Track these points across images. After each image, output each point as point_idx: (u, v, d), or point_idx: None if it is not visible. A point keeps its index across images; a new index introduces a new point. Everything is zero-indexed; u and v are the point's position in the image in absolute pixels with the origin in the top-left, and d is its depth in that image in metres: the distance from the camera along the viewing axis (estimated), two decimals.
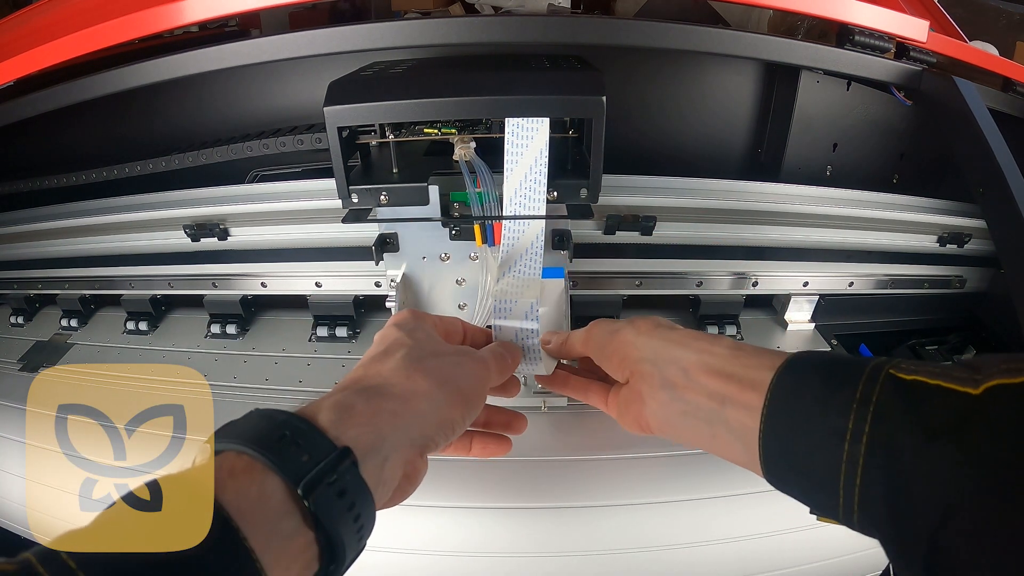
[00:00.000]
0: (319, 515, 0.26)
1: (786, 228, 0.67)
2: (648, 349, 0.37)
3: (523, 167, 0.48)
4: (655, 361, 0.37)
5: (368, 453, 0.29)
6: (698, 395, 0.34)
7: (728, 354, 0.34)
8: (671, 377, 0.36)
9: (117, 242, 0.74)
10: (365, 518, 0.28)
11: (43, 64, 0.66)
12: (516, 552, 0.52)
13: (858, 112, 0.84)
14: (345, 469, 0.27)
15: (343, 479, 0.27)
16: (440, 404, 0.34)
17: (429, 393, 0.34)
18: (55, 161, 0.86)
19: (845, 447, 0.27)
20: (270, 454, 0.26)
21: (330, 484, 0.26)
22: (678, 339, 0.37)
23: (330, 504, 0.26)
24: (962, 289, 0.72)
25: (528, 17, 0.62)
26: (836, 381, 0.28)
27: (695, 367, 0.35)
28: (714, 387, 0.33)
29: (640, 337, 0.38)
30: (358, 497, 0.28)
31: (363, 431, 0.30)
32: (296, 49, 0.61)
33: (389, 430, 0.31)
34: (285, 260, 0.68)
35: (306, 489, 0.26)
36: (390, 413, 0.32)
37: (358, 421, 0.30)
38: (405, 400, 0.33)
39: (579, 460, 0.54)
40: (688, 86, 0.88)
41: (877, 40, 0.65)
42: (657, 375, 0.36)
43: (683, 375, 0.35)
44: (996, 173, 0.60)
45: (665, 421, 0.36)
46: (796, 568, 0.55)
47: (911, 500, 0.25)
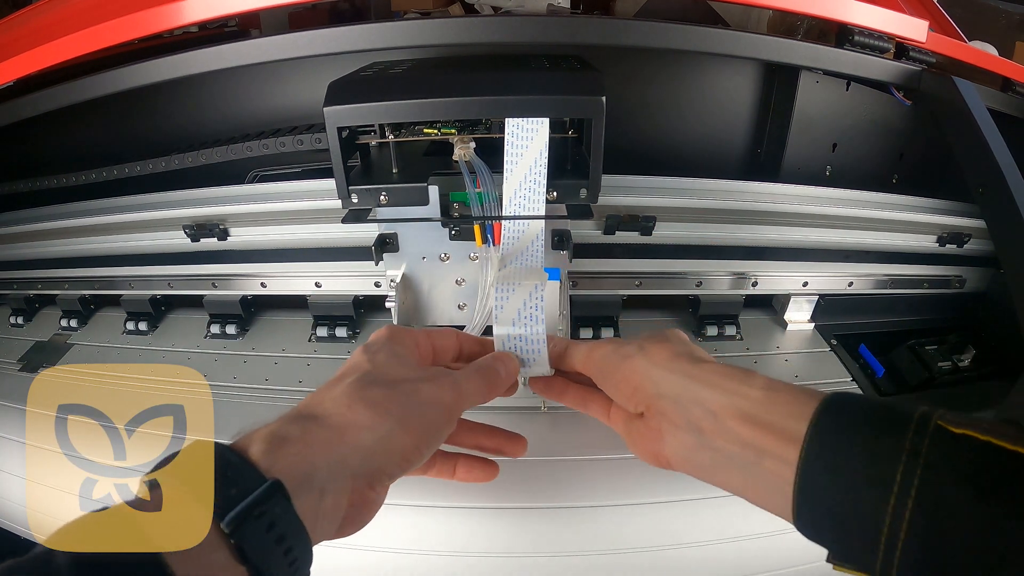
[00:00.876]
0: (246, 550, 0.25)
1: (785, 228, 0.67)
2: (667, 385, 0.35)
3: (523, 167, 0.48)
4: (678, 400, 0.34)
5: (301, 485, 0.28)
6: (730, 443, 0.32)
7: (762, 397, 0.32)
8: (697, 420, 0.33)
9: (117, 242, 0.74)
10: (299, 552, 0.27)
11: (43, 64, 0.66)
12: (515, 552, 0.52)
13: (858, 112, 0.84)
14: (275, 503, 0.26)
15: (272, 512, 0.26)
16: (384, 435, 0.32)
17: (371, 424, 0.31)
18: (55, 161, 0.86)
19: (891, 499, 0.26)
20: None
21: (257, 518, 0.26)
22: (704, 376, 0.34)
23: (259, 539, 0.25)
24: (962, 289, 0.72)
25: (528, 17, 0.62)
26: (882, 430, 0.27)
27: (726, 411, 0.32)
28: (748, 436, 0.31)
29: (656, 369, 0.35)
30: (289, 531, 0.27)
31: (294, 462, 0.28)
32: (296, 49, 0.61)
33: (323, 461, 0.29)
34: (285, 260, 0.68)
35: (232, 523, 0.25)
36: (323, 443, 0.30)
37: (289, 452, 0.29)
38: (341, 431, 0.31)
39: (579, 460, 0.54)
40: (687, 86, 0.88)
41: (876, 40, 0.65)
42: (681, 416, 0.33)
43: (712, 419, 0.32)
44: (995, 173, 0.61)
45: (689, 462, 0.34)
46: (796, 568, 0.55)
47: (958, 555, 0.24)
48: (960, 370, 0.65)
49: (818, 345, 0.69)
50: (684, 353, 0.36)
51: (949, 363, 0.64)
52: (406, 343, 0.38)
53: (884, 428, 0.27)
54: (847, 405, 0.30)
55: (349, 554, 0.52)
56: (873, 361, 0.66)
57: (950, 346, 0.66)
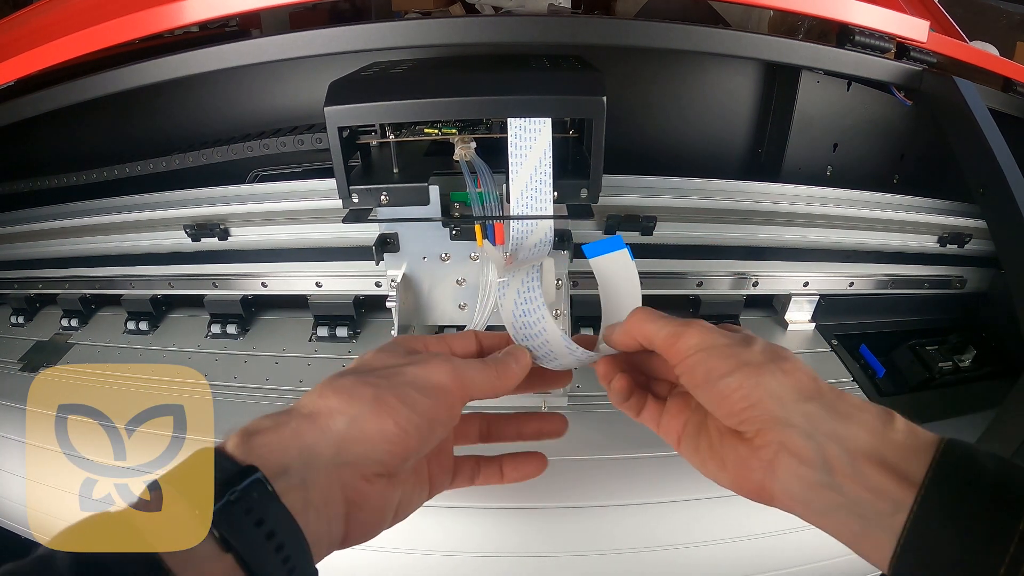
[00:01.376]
0: (226, 536, 0.25)
1: (786, 228, 0.67)
2: (801, 415, 0.30)
3: (528, 167, 0.48)
4: (812, 435, 0.29)
5: (278, 476, 0.27)
6: (862, 490, 0.28)
7: (903, 442, 0.29)
8: (831, 458, 0.29)
9: (118, 242, 0.74)
10: (284, 538, 0.26)
11: (44, 64, 0.66)
12: (516, 552, 0.52)
13: (858, 112, 0.83)
14: (252, 488, 0.26)
15: (248, 496, 0.26)
16: (354, 417, 0.30)
17: (340, 408, 0.30)
18: (55, 161, 0.86)
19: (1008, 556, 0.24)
20: None
21: (234, 502, 0.25)
22: (847, 411, 0.30)
23: (234, 522, 0.25)
24: (962, 289, 0.72)
25: (528, 17, 0.62)
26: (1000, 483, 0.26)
27: (864, 455, 0.29)
28: (887, 487, 0.28)
29: (791, 392, 0.31)
30: (268, 514, 0.26)
31: (266, 452, 0.28)
32: (296, 49, 0.61)
33: (295, 450, 0.29)
34: (285, 260, 0.68)
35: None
36: (294, 433, 0.29)
37: (262, 441, 0.28)
38: (312, 418, 0.30)
39: (579, 460, 0.54)
40: (688, 86, 0.88)
41: (877, 40, 0.65)
42: (811, 452, 0.29)
43: (847, 460, 0.29)
44: (996, 173, 0.60)
45: (801, 502, 0.30)
46: (797, 568, 0.55)
47: None
48: (961, 370, 0.65)
49: (819, 345, 0.69)
50: (826, 386, 0.32)
51: (950, 363, 0.64)
52: (411, 342, 0.36)
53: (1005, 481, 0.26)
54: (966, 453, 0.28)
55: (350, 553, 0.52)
56: (874, 361, 0.66)
57: (951, 346, 0.66)
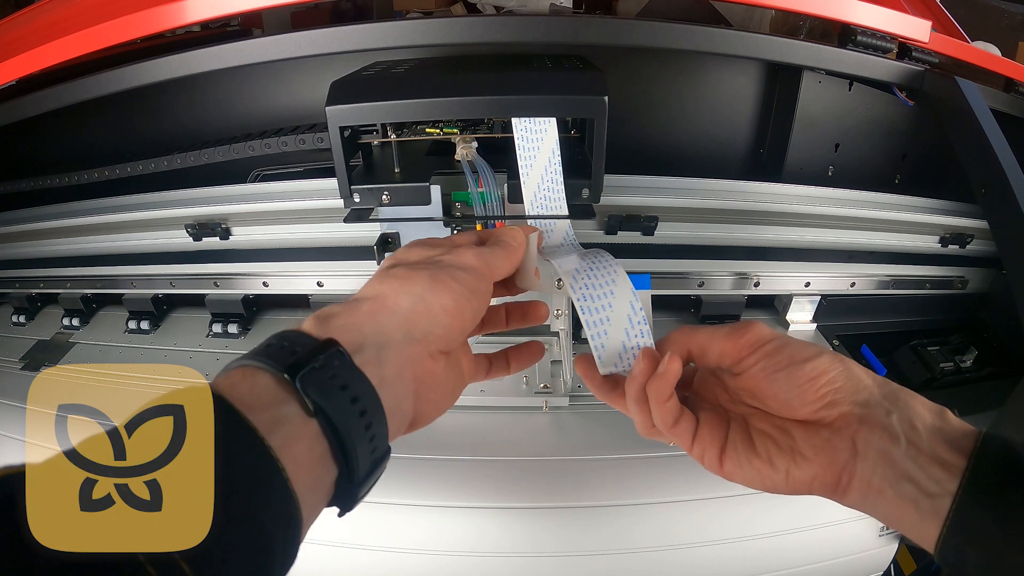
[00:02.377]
0: (309, 394, 0.25)
1: (788, 228, 0.67)
2: (880, 394, 0.31)
3: (539, 169, 0.48)
4: (890, 411, 0.31)
5: (358, 349, 0.28)
6: (935, 466, 0.29)
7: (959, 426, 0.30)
8: (908, 432, 0.30)
9: (119, 241, 0.74)
10: (367, 405, 0.27)
11: (45, 63, 0.66)
12: (516, 552, 0.52)
13: (860, 112, 0.83)
14: (332, 355, 0.27)
15: (331, 364, 0.27)
16: (418, 295, 0.32)
17: (404, 288, 0.32)
18: (57, 160, 0.86)
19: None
20: (259, 356, 0.27)
21: (317, 369, 0.26)
22: (910, 393, 0.32)
23: (322, 385, 0.26)
24: (964, 290, 0.72)
25: (530, 17, 0.62)
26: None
27: (933, 431, 0.30)
28: (951, 459, 0.29)
29: (867, 376, 0.32)
30: (352, 381, 0.27)
31: (344, 330, 0.29)
32: (298, 49, 0.61)
33: (370, 328, 0.30)
34: (287, 259, 0.68)
35: (292, 371, 0.26)
36: (367, 313, 0.31)
37: (338, 323, 0.30)
38: (379, 299, 0.32)
39: (579, 460, 0.54)
40: (690, 86, 0.88)
41: (879, 40, 0.65)
42: (893, 427, 0.30)
43: (923, 436, 0.30)
44: (998, 174, 0.60)
45: (882, 483, 0.30)
46: (798, 568, 0.55)
47: None
48: (962, 371, 0.65)
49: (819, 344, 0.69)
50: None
51: (951, 364, 0.64)
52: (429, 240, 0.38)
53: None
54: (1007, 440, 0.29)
55: (354, 554, 0.52)
56: (875, 362, 0.66)
57: (952, 347, 0.66)
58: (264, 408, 0.25)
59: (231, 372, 0.26)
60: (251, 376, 0.26)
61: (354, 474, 0.27)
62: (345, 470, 0.27)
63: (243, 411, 0.24)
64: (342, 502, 0.28)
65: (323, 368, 0.26)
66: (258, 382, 0.26)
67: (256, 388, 0.25)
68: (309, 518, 0.26)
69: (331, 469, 0.26)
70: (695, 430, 0.35)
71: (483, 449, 0.55)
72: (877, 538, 0.56)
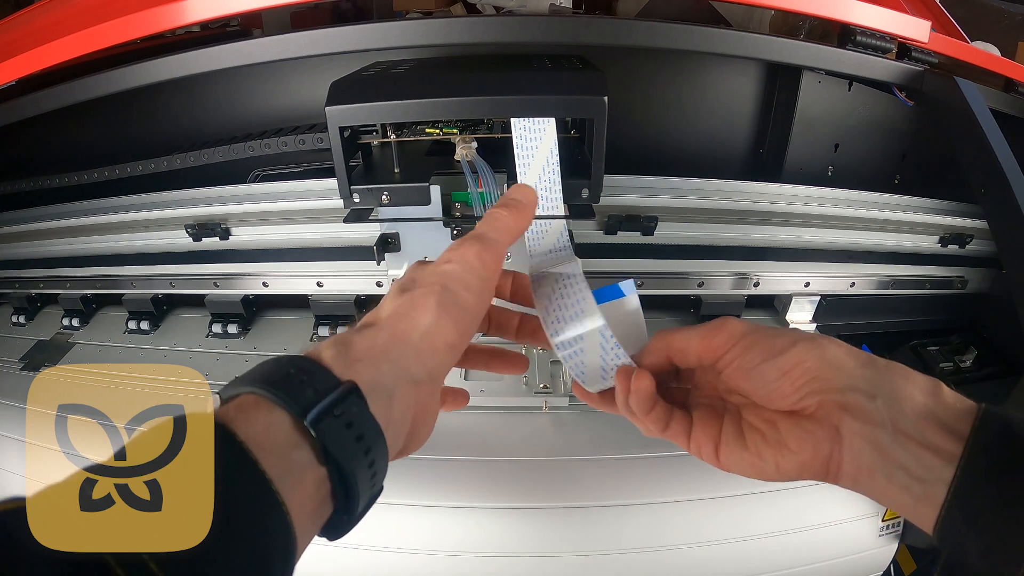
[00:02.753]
0: (328, 446, 0.25)
1: (787, 228, 0.67)
2: (861, 378, 0.31)
3: (536, 169, 0.48)
4: (874, 395, 0.30)
5: (372, 390, 0.28)
6: (923, 449, 0.29)
7: (953, 404, 0.30)
8: (894, 417, 0.30)
9: (119, 241, 0.74)
10: (376, 454, 0.27)
11: (45, 64, 0.66)
12: (516, 552, 0.52)
13: (860, 112, 0.83)
14: (352, 403, 0.27)
15: (350, 412, 0.26)
16: (426, 331, 0.31)
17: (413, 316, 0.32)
18: (57, 160, 0.86)
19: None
20: (276, 389, 0.26)
21: (336, 416, 0.26)
22: (899, 372, 0.31)
23: (339, 436, 0.26)
24: (963, 290, 0.72)
25: (530, 17, 0.62)
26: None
27: (923, 414, 0.29)
28: (945, 445, 0.28)
29: (849, 359, 0.31)
30: (367, 431, 0.27)
31: (363, 367, 0.29)
32: (298, 49, 0.61)
33: (387, 365, 0.30)
34: (286, 260, 0.68)
35: (314, 421, 0.25)
36: (383, 350, 0.30)
37: (357, 357, 0.29)
38: (395, 333, 0.31)
39: (579, 460, 0.54)
40: (690, 86, 0.88)
41: (879, 40, 0.65)
42: (877, 413, 0.30)
43: (910, 420, 0.29)
44: (998, 174, 0.60)
45: (871, 469, 0.30)
46: (798, 568, 0.55)
47: None
48: (962, 371, 0.65)
49: None
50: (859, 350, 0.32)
51: (951, 364, 0.64)
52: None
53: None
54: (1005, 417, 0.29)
55: (354, 554, 0.52)
56: None
57: (952, 347, 0.66)
58: (278, 452, 0.24)
59: (243, 398, 0.26)
60: (267, 413, 0.25)
61: (353, 513, 0.27)
62: (344, 507, 0.27)
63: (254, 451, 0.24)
64: (333, 534, 0.28)
65: (341, 416, 0.26)
66: (274, 421, 0.25)
67: (272, 427, 0.25)
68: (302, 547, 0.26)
69: (329, 507, 0.27)
70: (689, 429, 0.35)
71: (483, 449, 0.55)
72: (877, 538, 0.56)
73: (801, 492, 0.53)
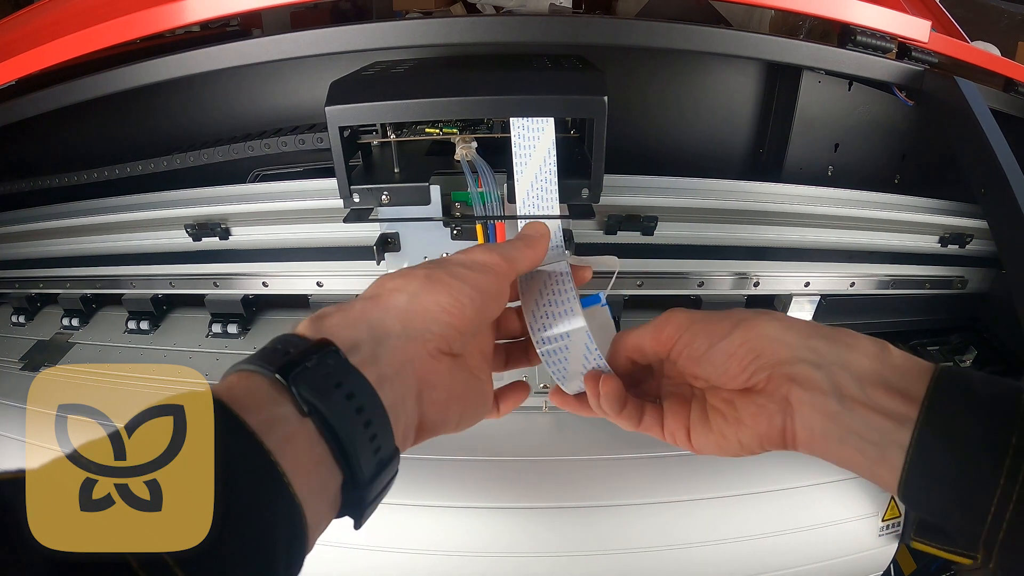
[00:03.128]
0: (302, 393, 0.25)
1: (787, 228, 0.67)
2: (805, 349, 0.32)
3: (533, 167, 0.48)
4: (820, 365, 0.31)
5: (351, 350, 0.28)
6: (872, 412, 0.30)
7: (901, 365, 0.31)
8: (841, 385, 0.30)
9: (119, 241, 0.74)
10: (364, 400, 0.27)
11: (44, 64, 0.66)
12: (516, 552, 0.52)
13: (860, 112, 0.83)
14: (326, 354, 0.27)
15: (325, 363, 0.26)
16: (415, 294, 0.32)
17: (399, 287, 0.32)
18: (56, 160, 0.86)
19: (1007, 461, 0.26)
20: (254, 360, 0.27)
21: (309, 368, 0.26)
22: (845, 340, 0.32)
23: (313, 384, 0.26)
24: (963, 290, 0.72)
25: (530, 17, 0.62)
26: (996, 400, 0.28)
27: (870, 379, 0.30)
28: (894, 407, 0.29)
29: (789, 332, 0.32)
30: (346, 378, 0.27)
31: (338, 328, 0.29)
32: (298, 49, 0.61)
33: (365, 325, 0.30)
34: (286, 260, 0.68)
35: (283, 371, 0.25)
36: (361, 311, 0.31)
37: (332, 322, 0.30)
38: (374, 298, 0.32)
39: (579, 460, 0.54)
40: (689, 86, 0.88)
41: (879, 40, 0.65)
42: (822, 381, 0.31)
43: (856, 385, 0.30)
44: (998, 173, 0.60)
45: (821, 435, 0.31)
46: (797, 568, 0.55)
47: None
48: None
49: None
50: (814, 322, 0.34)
51: (951, 364, 0.64)
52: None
53: (998, 398, 0.28)
54: (960, 376, 0.30)
55: (354, 554, 0.52)
56: None
57: (952, 347, 0.66)
58: (258, 409, 0.24)
59: (229, 377, 0.27)
60: (246, 379, 0.26)
61: (357, 475, 0.26)
62: (348, 472, 0.26)
63: (238, 411, 0.24)
64: (351, 510, 0.27)
65: (316, 367, 0.26)
66: (253, 384, 0.26)
67: (251, 390, 0.25)
68: (316, 526, 0.25)
69: (335, 473, 0.26)
70: (661, 420, 0.37)
71: (482, 449, 0.55)
72: (877, 538, 0.56)
73: (801, 492, 0.53)
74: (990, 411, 0.28)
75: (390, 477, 0.29)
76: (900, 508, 0.56)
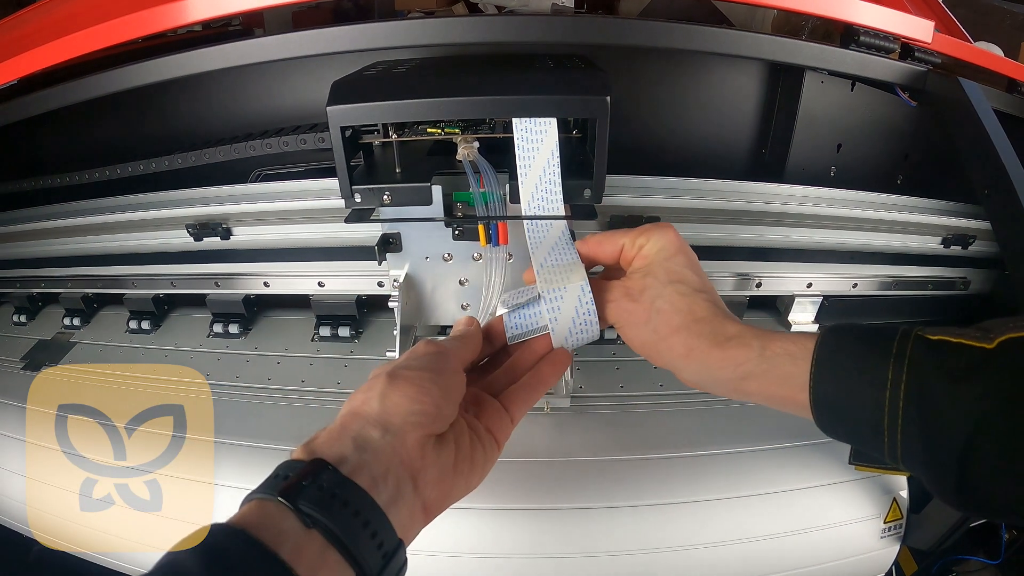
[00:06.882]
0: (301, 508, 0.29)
1: (790, 229, 0.67)
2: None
3: (537, 168, 0.48)
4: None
5: (341, 461, 0.32)
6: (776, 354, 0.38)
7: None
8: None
9: (120, 241, 0.74)
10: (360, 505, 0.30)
11: (46, 63, 0.66)
12: (517, 553, 0.52)
13: (862, 113, 0.83)
14: (320, 472, 0.31)
15: (319, 479, 0.30)
16: (381, 395, 0.35)
17: (368, 397, 0.36)
18: (57, 160, 0.86)
19: (887, 394, 0.33)
20: (263, 489, 0.31)
21: (305, 486, 0.30)
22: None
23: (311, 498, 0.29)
24: (966, 291, 0.72)
25: (532, 16, 0.62)
26: (874, 343, 0.34)
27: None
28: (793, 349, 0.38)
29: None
30: (341, 488, 0.30)
31: (327, 447, 0.33)
32: (299, 48, 0.61)
33: (348, 440, 0.33)
34: (288, 259, 0.67)
35: (284, 493, 0.29)
36: (342, 427, 0.34)
37: (320, 442, 0.34)
38: (351, 413, 0.35)
39: (580, 461, 0.54)
40: (692, 86, 0.87)
41: (882, 40, 0.65)
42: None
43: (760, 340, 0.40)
44: (1001, 174, 0.60)
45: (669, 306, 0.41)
46: (798, 570, 0.54)
47: (943, 431, 0.31)
48: None
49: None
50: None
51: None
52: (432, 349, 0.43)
53: (876, 341, 0.35)
54: (843, 328, 0.37)
55: None
56: None
57: None
58: (269, 527, 0.28)
59: (247, 506, 0.30)
60: (260, 506, 0.30)
61: (365, 569, 0.30)
62: (357, 568, 0.29)
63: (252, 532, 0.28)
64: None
65: (312, 484, 0.30)
66: (266, 511, 0.29)
67: (264, 515, 0.29)
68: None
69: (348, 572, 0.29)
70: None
71: None
72: (879, 540, 0.56)
73: (803, 494, 0.53)
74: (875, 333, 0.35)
75: (400, 564, 0.33)
76: (902, 510, 0.56)
